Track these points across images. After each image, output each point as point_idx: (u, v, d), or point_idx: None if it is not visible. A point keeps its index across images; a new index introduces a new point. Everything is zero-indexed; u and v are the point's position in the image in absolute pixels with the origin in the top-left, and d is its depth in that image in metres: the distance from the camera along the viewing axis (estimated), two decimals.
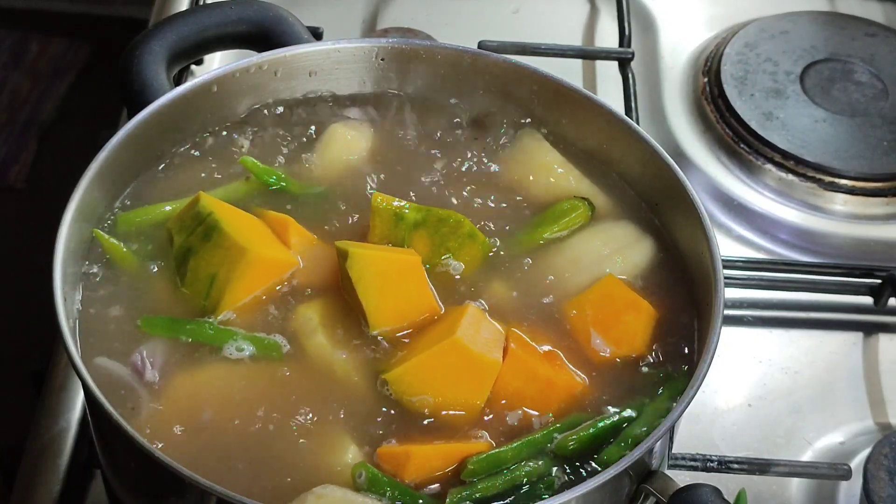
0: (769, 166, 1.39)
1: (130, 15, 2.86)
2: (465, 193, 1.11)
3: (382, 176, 1.12)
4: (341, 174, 1.12)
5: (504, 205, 1.11)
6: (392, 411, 0.95)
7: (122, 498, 1.02)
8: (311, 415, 0.95)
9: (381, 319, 0.98)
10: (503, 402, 0.96)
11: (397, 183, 1.12)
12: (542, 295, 1.04)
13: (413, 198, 1.08)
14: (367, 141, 1.15)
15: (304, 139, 1.15)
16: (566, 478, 0.92)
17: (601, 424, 0.94)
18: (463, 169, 1.14)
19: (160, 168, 1.11)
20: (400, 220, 1.03)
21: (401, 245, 1.03)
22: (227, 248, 0.99)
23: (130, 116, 1.07)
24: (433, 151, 1.15)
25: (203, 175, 1.11)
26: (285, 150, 1.14)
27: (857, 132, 1.42)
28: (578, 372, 0.99)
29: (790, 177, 1.39)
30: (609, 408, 0.97)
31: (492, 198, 1.11)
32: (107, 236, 1.03)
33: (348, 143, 1.14)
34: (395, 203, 1.03)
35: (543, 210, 1.10)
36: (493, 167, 1.14)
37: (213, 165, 1.12)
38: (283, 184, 1.10)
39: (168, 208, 1.06)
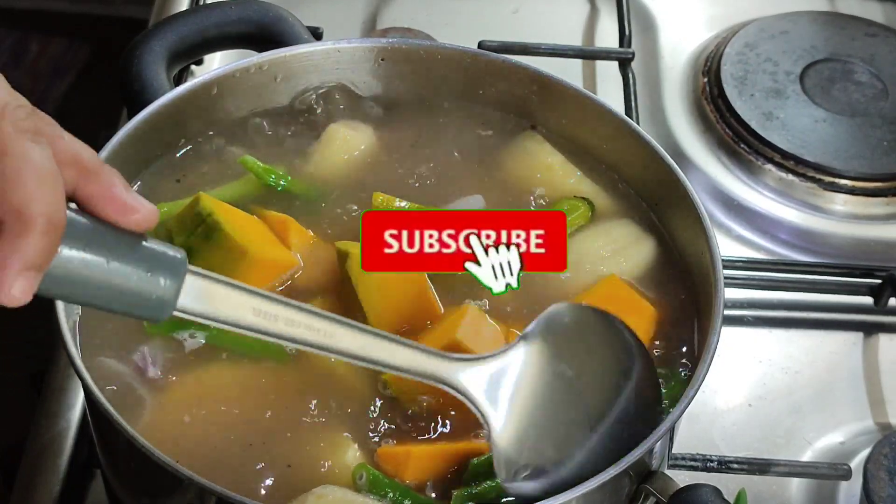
0: (769, 166, 1.39)
1: (130, 15, 2.86)
2: (465, 194, 1.11)
3: (382, 176, 1.12)
4: (341, 174, 1.12)
5: (505, 206, 1.11)
6: (393, 412, 0.95)
7: (122, 498, 1.02)
8: (311, 415, 0.95)
9: (381, 320, 0.98)
10: None
11: (398, 183, 1.11)
12: (543, 296, 1.03)
13: (413, 198, 1.08)
14: (367, 141, 1.15)
15: (304, 139, 1.15)
16: None
17: None
18: (463, 169, 1.14)
19: (160, 168, 1.11)
20: None
21: None
22: (227, 249, 0.99)
23: (130, 116, 1.07)
24: (434, 151, 1.15)
25: (203, 175, 1.11)
26: (285, 151, 1.14)
27: (857, 132, 1.42)
28: None
29: (790, 177, 1.38)
30: None
31: (492, 198, 1.11)
32: None
33: (348, 142, 1.14)
34: (396, 203, 1.03)
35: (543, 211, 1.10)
36: (494, 167, 1.14)
37: (213, 165, 1.12)
38: (283, 183, 1.10)
39: (167, 208, 1.06)
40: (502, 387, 0.87)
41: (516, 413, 0.87)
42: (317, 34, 1.40)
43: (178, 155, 1.12)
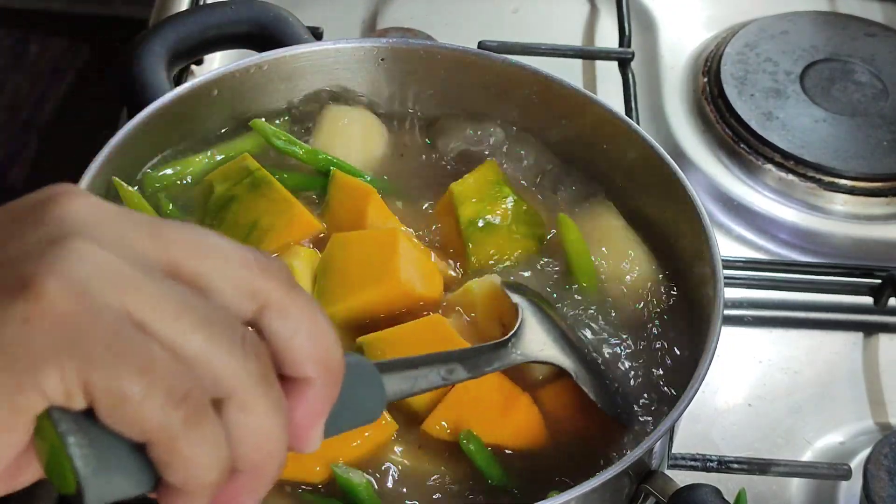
0: (769, 166, 1.39)
1: (130, 15, 2.86)
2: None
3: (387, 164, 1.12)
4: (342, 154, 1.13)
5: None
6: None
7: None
8: None
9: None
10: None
11: (397, 177, 1.12)
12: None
13: (413, 195, 1.08)
14: (368, 122, 1.16)
15: (305, 139, 1.15)
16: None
17: None
18: (462, 168, 1.14)
19: (160, 168, 1.11)
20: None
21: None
22: (273, 200, 1.02)
23: (130, 116, 1.07)
24: (433, 151, 1.15)
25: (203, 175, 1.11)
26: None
27: (857, 132, 1.42)
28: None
29: (790, 177, 1.38)
30: None
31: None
32: (125, 185, 1.04)
33: (347, 122, 1.15)
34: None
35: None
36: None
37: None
38: (294, 148, 1.10)
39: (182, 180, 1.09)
40: (547, 341, 0.96)
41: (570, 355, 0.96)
42: (317, 34, 1.40)
43: (178, 155, 1.12)
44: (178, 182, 1.09)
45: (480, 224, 1.05)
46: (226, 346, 0.55)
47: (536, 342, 0.95)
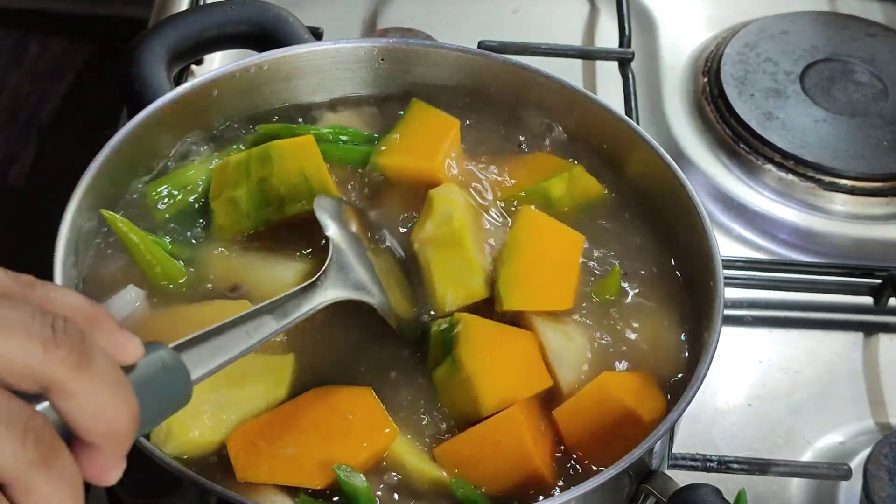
0: (769, 166, 1.39)
1: (130, 15, 2.86)
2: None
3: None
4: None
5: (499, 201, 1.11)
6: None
7: (122, 498, 1.02)
8: None
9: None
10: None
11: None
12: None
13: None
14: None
15: None
16: None
17: None
18: (459, 167, 1.14)
19: (161, 168, 1.11)
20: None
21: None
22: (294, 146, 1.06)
23: (130, 116, 1.07)
24: None
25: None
26: None
27: (857, 132, 1.42)
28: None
29: (790, 177, 1.39)
30: None
31: (488, 197, 1.11)
32: (113, 214, 1.03)
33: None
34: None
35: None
36: (491, 167, 1.14)
37: (214, 165, 1.12)
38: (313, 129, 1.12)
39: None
40: (351, 276, 0.95)
41: (376, 285, 0.98)
42: (317, 34, 1.40)
43: (178, 155, 1.12)
44: (178, 191, 1.08)
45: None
46: (1, 434, 0.58)
47: (348, 279, 0.95)
